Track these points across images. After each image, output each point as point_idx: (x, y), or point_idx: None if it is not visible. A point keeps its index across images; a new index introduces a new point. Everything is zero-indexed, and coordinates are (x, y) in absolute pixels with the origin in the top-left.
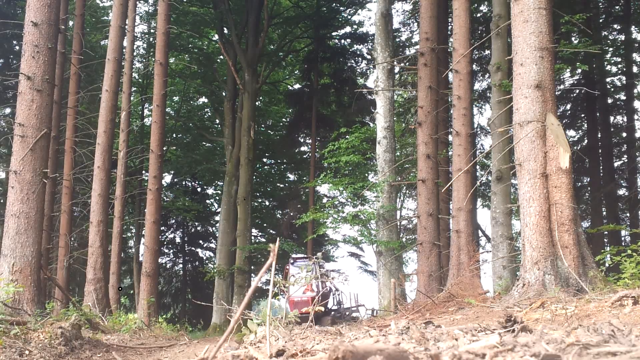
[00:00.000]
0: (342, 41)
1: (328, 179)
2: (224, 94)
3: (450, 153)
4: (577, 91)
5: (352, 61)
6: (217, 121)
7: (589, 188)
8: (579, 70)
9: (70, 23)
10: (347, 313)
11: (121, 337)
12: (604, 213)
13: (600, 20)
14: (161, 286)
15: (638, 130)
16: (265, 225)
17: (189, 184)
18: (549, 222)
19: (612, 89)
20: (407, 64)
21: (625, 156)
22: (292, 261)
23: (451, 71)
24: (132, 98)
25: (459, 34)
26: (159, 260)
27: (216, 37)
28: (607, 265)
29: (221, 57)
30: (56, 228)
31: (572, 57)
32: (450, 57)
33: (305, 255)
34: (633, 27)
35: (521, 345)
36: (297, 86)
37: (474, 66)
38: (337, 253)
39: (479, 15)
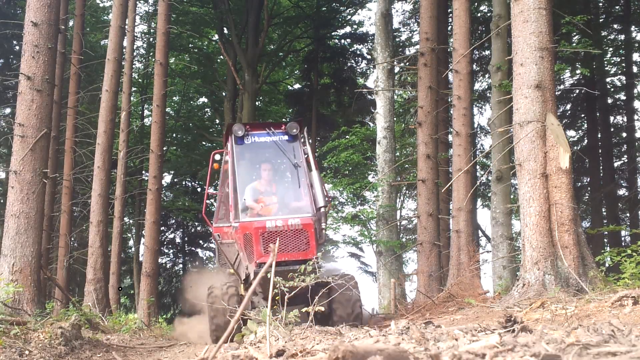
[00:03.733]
0: (342, 41)
1: (328, 179)
2: (224, 94)
3: (450, 153)
4: (577, 91)
5: (352, 61)
6: (217, 121)
7: (589, 188)
8: (579, 71)
9: (70, 23)
10: None
11: (121, 337)
12: (604, 213)
13: (601, 21)
14: (161, 286)
15: (638, 130)
16: None
17: (189, 184)
18: (549, 222)
19: (612, 89)
20: (407, 64)
21: (625, 156)
22: (240, 133)
23: (451, 71)
24: (132, 98)
25: (459, 34)
26: (159, 260)
27: (216, 37)
28: (607, 265)
29: (221, 57)
30: (56, 228)
31: (573, 57)
32: (450, 57)
33: (263, 124)
34: (633, 27)
35: (521, 345)
36: (297, 86)
37: (474, 66)
38: (337, 253)
39: (479, 15)
